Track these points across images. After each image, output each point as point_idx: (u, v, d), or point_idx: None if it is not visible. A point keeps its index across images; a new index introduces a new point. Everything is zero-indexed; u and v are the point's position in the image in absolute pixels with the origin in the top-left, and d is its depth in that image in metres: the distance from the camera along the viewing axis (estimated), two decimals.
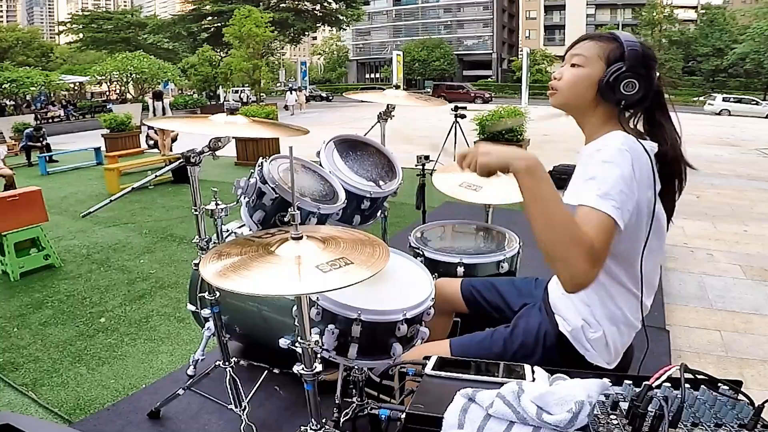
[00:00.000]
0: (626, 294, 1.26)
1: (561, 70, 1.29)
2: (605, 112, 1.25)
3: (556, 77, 1.29)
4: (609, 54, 1.20)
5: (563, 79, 1.27)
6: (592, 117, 1.27)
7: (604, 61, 1.21)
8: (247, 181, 1.89)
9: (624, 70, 1.17)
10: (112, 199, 1.65)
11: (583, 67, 1.23)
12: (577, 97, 1.26)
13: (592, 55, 1.22)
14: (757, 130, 16.29)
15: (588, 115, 1.28)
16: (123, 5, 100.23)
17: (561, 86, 1.27)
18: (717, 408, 0.86)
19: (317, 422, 1.43)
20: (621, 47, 1.19)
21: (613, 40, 1.22)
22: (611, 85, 1.19)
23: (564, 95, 1.27)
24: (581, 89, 1.24)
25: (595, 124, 1.27)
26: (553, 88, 1.29)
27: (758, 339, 2.93)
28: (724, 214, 5.69)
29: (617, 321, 1.28)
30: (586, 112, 1.28)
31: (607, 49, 1.21)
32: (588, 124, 1.29)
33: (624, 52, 1.18)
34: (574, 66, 1.25)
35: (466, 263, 1.96)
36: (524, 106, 8.34)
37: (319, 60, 66.08)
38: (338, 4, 39.22)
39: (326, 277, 1.07)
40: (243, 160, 8.92)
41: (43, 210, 4.11)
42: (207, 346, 2.39)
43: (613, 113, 1.24)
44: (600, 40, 1.23)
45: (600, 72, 1.21)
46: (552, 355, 1.34)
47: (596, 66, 1.22)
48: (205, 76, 26.98)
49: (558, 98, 1.29)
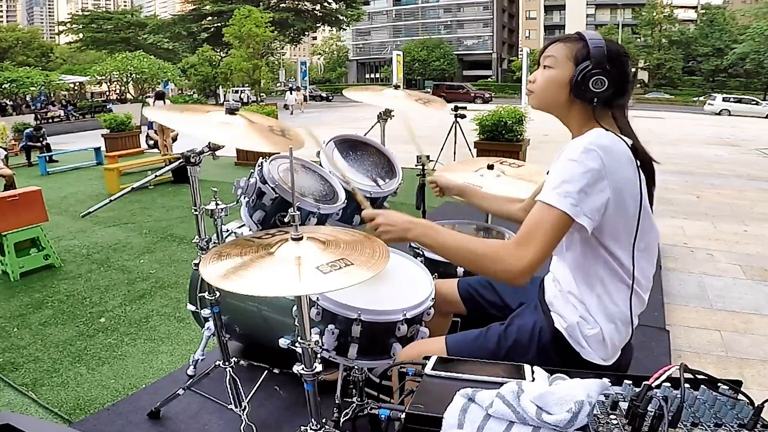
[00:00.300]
0: (624, 290, 1.26)
1: (535, 74, 1.34)
2: (581, 110, 1.28)
3: (530, 80, 1.35)
4: (576, 54, 1.24)
5: (536, 81, 1.32)
6: (571, 117, 1.31)
7: (573, 61, 1.24)
8: (247, 181, 1.89)
9: (590, 68, 1.21)
10: (112, 199, 1.65)
11: (554, 69, 1.28)
12: (552, 98, 1.30)
13: (561, 56, 1.27)
14: (757, 130, 16.30)
15: (566, 115, 1.32)
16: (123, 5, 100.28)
17: (536, 89, 1.33)
18: (717, 408, 0.86)
19: (317, 422, 1.43)
20: (586, 46, 1.23)
21: (579, 39, 1.26)
22: (580, 83, 1.22)
23: (539, 97, 1.33)
24: (554, 90, 1.29)
25: (576, 124, 1.31)
26: (530, 91, 1.35)
27: (758, 339, 2.93)
28: (724, 214, 5.69)
29: (614, 317, 1.28)
30: (564, 112, 1.32)
31: (574, 49, 1.25)
32: (570, 124, 1.33)
33: (589, 51, 1.22)
34: (546, 68, 1.30)
35: None
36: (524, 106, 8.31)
37: (319, 60, 66.10)
38: (338, 4, 39.24)
39: (326, 279, 1.07)
40: (243, 160, 8.92)
41: (43, 210, 4.11)
42: (207, 346, 2.39)
43: (589, 111, 1.26)
44: (567, 42, 1.28)
45: (570, 72, 1.25)
46: (547, 352, 1.34)
47: (566, 67, 1.26)
48: (205, 76, 26.99)
49: (534, 100, 1.34)
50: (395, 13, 60.07)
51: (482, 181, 2.22)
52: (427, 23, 58.03)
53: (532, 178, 2.25)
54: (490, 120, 7.26)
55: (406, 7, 59.24)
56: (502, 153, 6.30)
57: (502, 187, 2.20)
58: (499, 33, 54.54)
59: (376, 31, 61.52)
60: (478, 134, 7.44)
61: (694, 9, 46.71)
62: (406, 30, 58.67)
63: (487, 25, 54.34)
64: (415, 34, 56.68)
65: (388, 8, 60.19)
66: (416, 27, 58.08)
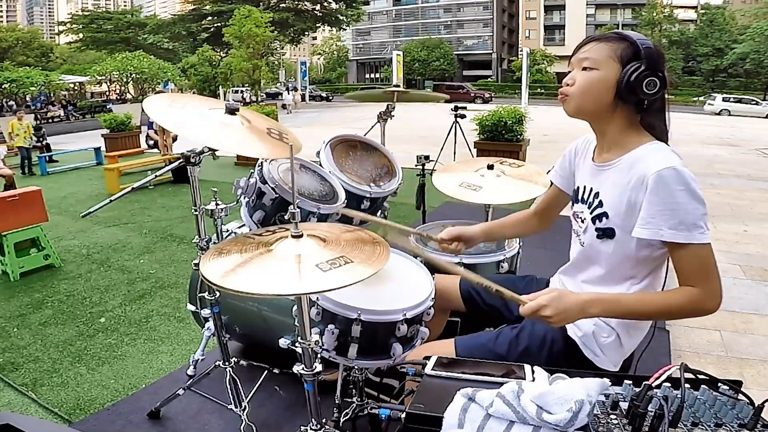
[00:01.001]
0: None
1: (572, 75, 1.23)
2: (625, 115, 1.21)
3: (568, 83, 1.24)
4: (621, 54, 1.16)
5: (576, 83, 1.21)
6: (612, 121, 1.23)
7: (618, 61, 1.17)
8: (247, 181, 1.89)
9: (643, 69, 1.14)
10: (112, 199, 1.65)
11: (597, 70, 1.18)
12: (594, 102, 1.21)
13: (603, 56, 1.18)
14: (757, 130, 16.29)
15: (606, 119, 1.24)
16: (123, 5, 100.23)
17: (574, 92, 1.22)
18: (717, 408, 0.86)
19: (317, 422, 1.43)
20: (634, 46, 1.16)
21: (622, 39, 1.18)
22: (631, 85, 1.14)
23: (578, 101, 1.22)
24: (597, 93, 1.19)
25: (616, 130, 1.24)
26: (565, 95, 1.24)
27: (758, 339, 2.92)
28: (724, 214, 5.69)
29: (629, 325, 1.28)
30: (604, 116, 1.23)
31: (619, 48, 1.17)
32: (608, 130, 1.25)
33: (639, 51, 1.15)
34: (586, 69, 1.20)
35: (466, 263, 1.96)
36: (524, 106, 8.32)
37: (319, 60, 66.08)
38: (338, 4, 39.21)
39: (326, 276, 1.07)
40: (243, 160, 8.91)
41: (43, 210, 4.11)
42: (207, 346, 2.39)
43: (634, 116, 1.21)
44: (609, 41, 1.19)
45: (615, 73, 1.17)
46: (558, 359, 1.33)
47: (610, 67, 1.17)
48: (205, 76, 26.97)
49: (572, 104, 1.23)
50: (395, 13, 60.03)
51: (482, 181, 2.22)
52: (427, 23, 57.99)
53: (532, 178, 2.25)
54: (490, 120, 7.26)
55: (406, 7, 59.20)
56: (502, 153, 6.31)
57: (502, 187, 2.20)
58: (499, 33, 54.51)
59: (376, 31, 61.49)
60: (478, 134, 7.44)
61: (694, 9, 46.69)
62: (406, 30, 58.63)
63: (487, 25, 54.31)
64: (415, 34, 56.63)
65: (388, 8, 60.15)
66: (416, 27, 58.03)
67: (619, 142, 1.24)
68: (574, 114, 1.25)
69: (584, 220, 1.32)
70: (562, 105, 1.26)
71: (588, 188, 1.32)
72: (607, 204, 1.24)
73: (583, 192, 1.34)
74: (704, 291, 1.13)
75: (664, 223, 1.11)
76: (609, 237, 1.24)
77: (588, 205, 1.31)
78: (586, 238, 1.32)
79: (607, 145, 1.28)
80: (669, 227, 1.11)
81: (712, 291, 1.13)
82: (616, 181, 1.22)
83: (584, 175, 1.36)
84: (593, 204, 1.28)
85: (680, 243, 1.11)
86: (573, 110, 1.24)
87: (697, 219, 1.10)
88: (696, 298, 1.13)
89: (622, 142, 1.23)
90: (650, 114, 1.22)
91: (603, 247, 1.27)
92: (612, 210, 1.23)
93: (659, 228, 1.11)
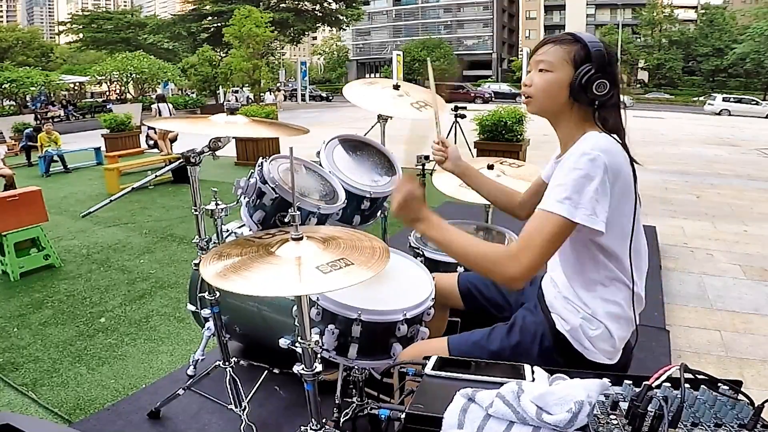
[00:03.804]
0: (624, 290, 1.27)
1: (530, 76, 1.30)
2: (579, 114, 1.27)
3: (526, 84, 1.31)
4: (574, 56, 1.21)
5: (534, 85, 1.28)
6: (568, 120, 1.29)
7: (571, 63, 1.22)
8: (247, 181, 1.89)
9: (593, 72, 1.19)
10: (112, 199, 1.65)
11: (552, 72, 1.25)
12: (552, 102, 1.27)
13: (558, 59, 1.24)
14: (757, 130, 16.29)
15: (563, 118, 1.29)
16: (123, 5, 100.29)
17: (534, 93, 1.28)
18: (717, 408, 0.86)
19: (317, 422, 1.43)
20: (585, 48, 1.21)
21: (575, 41, 1.23)
22: (583, 86, 1.20)
23: (539, 101, 1.29)
24: (554, 93, 1.25)
25: (570, 127, 1.29)
26: (527, 96, 1.31)
27: (758, 339, 2.93)
28: (724, 214, 5.69)
29: (617, 316, 1.29)
30: (561, 115, 1.29)
31: (572, 51, 1.22)
32: (563, 127, 1.31)
33: (589, 53, 1.20)
34: (543, 71, 1.26)
35: None
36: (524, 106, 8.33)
37: (319, 60, 66.05)
38: (338, 4, 39.18)
39: (326, 278, 1.07)
40: (243, 160, 8.92)
41: (43, 210, 4.11)
42: (207, 346, 2.39)
43: (588, 114, 1.25)
44: (563, 43, 1.24)
45: (569, 75, 1.22)
46: (549, 354, 1.34)
47: (564, 69, 1.23)
48: (205, 76, 26.94)
49: (534, 105, 1.30)
50: (395, 13, 60.04)
51: None
52: (427, 23, 58.00)
53: (532, 177, 2.24)
54: (490, 120, 7.26)
55: (406, 7, 59.22)
56: (502, 153, 6.31)
57: None
58: (499, 33, 54.53)
59: (376, 31, 61.50)
60: (478, 134, 7.43)
61: (694, 9, 46.69)
62: (406, 30, 58.63)
63: (487, 25, 54.33)
64: (415, 34, 56.62)
65: (388, 8, 60.17)
66: (416, 27, 58.04)
67: (573, 137, 1.28)
68: (536, 113, 1.33)
69: None
70: (525, 106, 1.33)
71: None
72: None
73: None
74: (515, 252, 1.14)
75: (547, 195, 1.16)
76: None
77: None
78: None
79: (563, 141, 1.33)
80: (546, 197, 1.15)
81: (519, 257, 1.13)
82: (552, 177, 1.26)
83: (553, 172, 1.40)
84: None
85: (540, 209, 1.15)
86: (534, 110, 1.32)
87: (569, 193, 1.12)
88: (502, 256, 1.15)
89: (574, 137, 1.27)
90: (603, 110, 1.26)
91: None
92: None
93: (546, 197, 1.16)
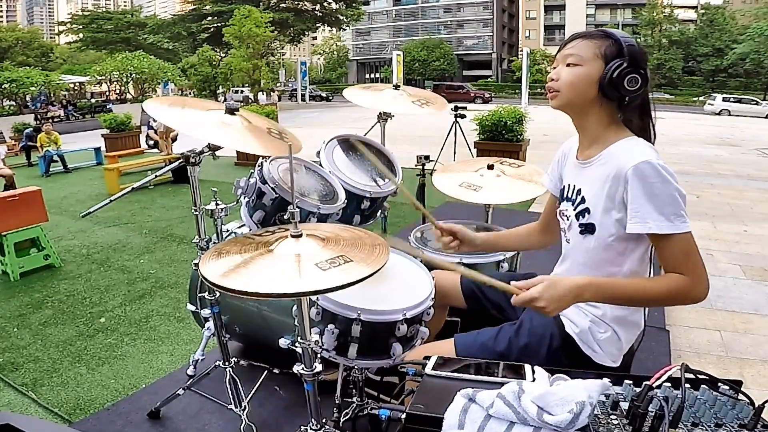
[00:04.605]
0: None
1: (557, 71, 1.26)
2: (607, 111, 1.25)
3: (553, 78, 1.27)
4: (605, 51, 1.19)
5: (562, 79, 1.25)
6: (594, 117, 1.26)
7: (602, 58, 1.20)
8: (247, 181, 1.89)
9: (625, 66, 1.17)
10: (112, 199, 1.65)
11: (581, 66, 1.22)
12: (579, 97, 1.24)
13: (588, 53, 1.21)
14: (757, 130, 16.28)
15: (589, 115, 1.27)
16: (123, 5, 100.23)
17: (561, 86, 1.25)
18: (717, 408, 0.86)
19: (317, 422, 1.43)
20: (617, 43, 1.19)
21: (606, 37, 1.21)
22: (614, 81, 1.18)
23: (565, 95, 1.25)
24: (582, 88, 1.22)
25: (597, 125, 1.26)
26: (553, 90, 1.27)
27: (758, 339, 2.92)
28: (724, 214, 5.69)
29: (624, 320, 1.29)
30: (588, 111, 1.26)
31: (603, 46, 1.20)
32: (589, 125, 1.28)
33: (623, 48, 1.18)
34: (571, 65, 1.23)
35: (467, 263, 1.96)
36: (524, 106, 8.33)
37: (319, 60, 66.06)
38: (338, 4, 39.17)
39: (325, 275, 1.07)
40: (243, 160, 8.91)
41: (43, 210, 4.11)
42: (207, 346, 2.38)
43: (615, 112, 1.24)
44: (593, 38, 1.22)
45: (599, 70, 1.20)
46: (557, 356, 1.34)
47: (594, 64, 1.20)
48: (205, 76, 26.93)
49: (560, 99, 1.26)
50: (395, 13, 60.00)
51: (482, 181, 2.22)
52: (427, 23, 57.96)
53: (532, 178, 2.25)
54: (490, 120, 7.26)
55: (406, 7, 59.18)
56: (502, 153, 6.30)
57: (502, 187, 2.20)
58: (499, 33, 54.50)
59: (376, 31, 61.46)
60: (478, 134, 7.43)
61: (694, 9, 46.67)
62: (406, 30, 58.61)
63: (487, 25, 54.29)
64: (415, 34, 56.61)
65: (388, 8, 60.13)
66: (416, 27, 58.01)
67: (599, 137, 1.27)
68: (560, 107, 1.28)
69: (569, 217, 1.34)
70: (550, 100, 1.29)
71: (572, 186, 1.35)
72: (589, 200, 1.27)
73: (568, 190, 1.36)
74: (692, 278, 1.14)
75: (648, 215, 1.13)
76: (590, 233, 1.27)
77: (572, 202, 1.33)
78: (571, 235, 1.35)
79: (587, 142, 1.31)
80: (653, 219, 1.13)
81: (698, 277, 1.14)
82: (596, 177, 1.24)
83: (569, 173, 1.39)
84: (576, 200, 1.31)
85: (665, 234, 1.13)
86: (559, 104, 1.27)
87: (676, 209, 1.12)
88: (685, 284, 1.14)
89: (601, 138, 1.26)
90: (629, 110, 1.25)
91: (585, 243, 1.29)
92: (593, 205, 1.25)
93: (645, 221, 1.14)
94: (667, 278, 1.15)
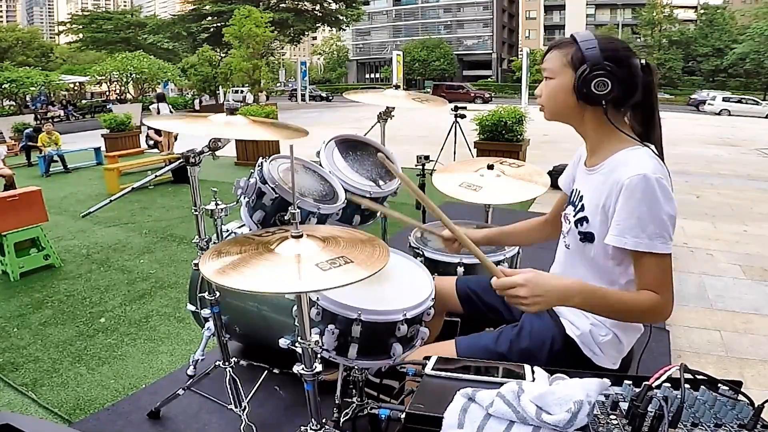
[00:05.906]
0: None
1: (539, 87, 1.30)
2: (594, 115, 1.24)
3: (537, 94, 1.31)
4: (572, 58, 1.20)
5: (543, 94, 1.29)
6: (588, 123, 1.27)
7: (570, 66, 1.20)
8: (247, 181, 1.89)
9: (588, 71, 1.16)
10: (112, 199, 1.65)
11: (553, 79, 1.25)
12: (561, 108, 1.26)
13: (557, 64, 1.23)
14: (757, 130, 16.28)
15: (581, 121, 1.28)
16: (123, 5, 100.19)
17: (543, 101, 1.29)
18: (717, 408, 0.86)
19: (317, 422, 1.43)
20: (580, 49, 1.19)
21: (572, 43, 1.22)
22: (581, 88, 1.18)
23: (549, 109, 1.29)
24: (561, 99, 1.24)
25: (594, 131, 1.27)
26: (541, 105, 1.31)
27: (758, 339, 2.93)
28: (724, 214, 5.69)
29: (625, 324, 1.29)
30: (577, 119, 1.28)
31: (569, 54, 1.21)
32: (587, 131, 1.29)
33: (583, 54, 1.18)
34: (547, 79, 1.27)
35: (466, 263, 1.96)
36: (524, 106, 8.32)
37: (319, 60, 66.06)
38: (338, 4, 39.17)
39: (326, 276, 1.07)
40: (243, 160, 8.92)
41: (43, 210, 4.11)
42: (207, 346, 2.39)
43: (602, 115, 1.22)
44: (562, 47, 1.23)
45: (570, 78, 1.21)
46: (558, 358, 1.34)
47: (564, 74, 1.22)
48: (205, 76, 26.93)
49: (547, 113, 1.31)
50: (395, 13, 60.02)
51: (482, 181, 2.22)
52: (427, 23, 57.99)
53: (532, 178, 2.25)
54: (490, 120, 7.25)
55: (406, 7, 59.19)
56: (502, 153, 6.31)
57: (502, 187, 2.20)
58: (499, 33, 54.51)
59: (376, 31, 61.48)
60: (478, 134, 7.43)
61: (694, 9, 46.65)
62: (406, 30, 58.62)
63: (487, 25, 54.31)
64: (415, 34, 56.63)
65: (388, 8, 60.14)
66: (416, 27, 58.02)
67: (601, 144, 1.27)
68: (551, 120, 1.32)
69: (570, 222, 1.34)
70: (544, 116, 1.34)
71: (578, 191, 1.34)
72: (588, 209, 1.27)
73: (575, 194, 1.36)
74: (665, 298, 1.16)
75: (629, 231, 1.14)
76: (590, 241, 1.27)
77: (574, 207, 1.33)
78: (570, 240, 1.35)
79: (591, 149, 1.32)
80: (633, 236, 1.13)
81: (670, 299, 1.16)
82: (596, 186, 1.24)
83: (578, 178, 1.39)
84: (578, 207, 1.31)
85: (641, 251, 1.13)
86: (549, 118, 1.32)
87: (661, 230, 1.12)
88: (659, 303, 1.15)
89: (604, 145, 1.26)
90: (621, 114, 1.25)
91: (585, 251, 1.29)
92: (590, 215, 1.25)
93: (623, 236, 1.14)
94: (643, 294, 1.17)
